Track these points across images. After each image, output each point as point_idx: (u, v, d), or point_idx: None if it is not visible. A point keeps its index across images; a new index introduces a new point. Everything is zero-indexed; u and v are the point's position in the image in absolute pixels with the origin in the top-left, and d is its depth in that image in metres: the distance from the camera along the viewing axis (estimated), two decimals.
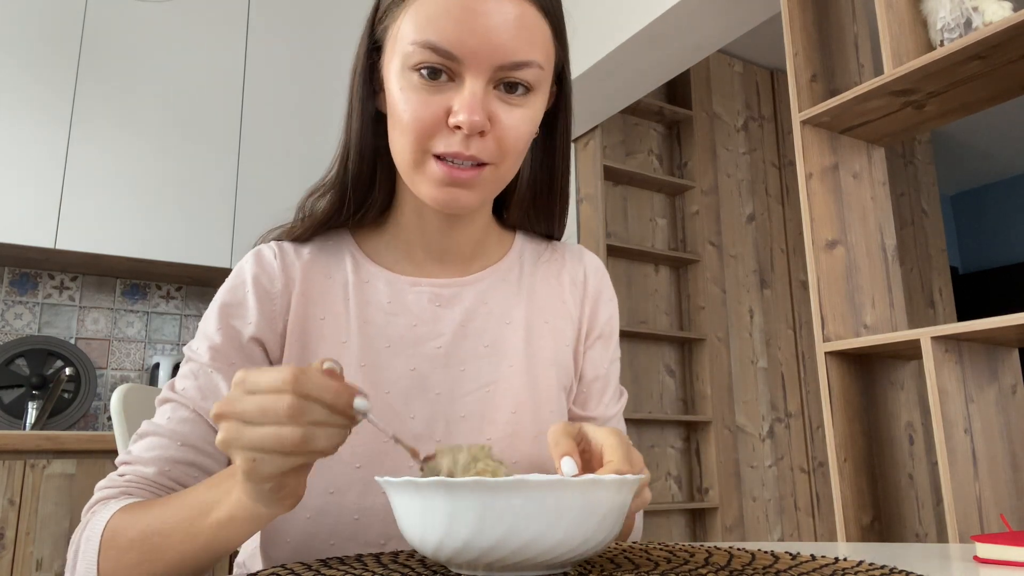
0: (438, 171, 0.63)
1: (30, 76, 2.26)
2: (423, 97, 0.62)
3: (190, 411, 0.66)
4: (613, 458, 0.53)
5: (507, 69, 0.62)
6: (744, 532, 3.19)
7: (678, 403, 3.29)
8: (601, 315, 0.82)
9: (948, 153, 5.00)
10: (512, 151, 0.65)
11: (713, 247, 3.42)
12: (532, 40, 0.63)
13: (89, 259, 2.35)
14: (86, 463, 1.94)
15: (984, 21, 1.50)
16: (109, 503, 0.60)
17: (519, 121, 0.64)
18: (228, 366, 0.68)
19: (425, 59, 0.61)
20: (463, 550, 0.44)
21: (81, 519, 0.61)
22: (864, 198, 1.85)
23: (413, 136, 0.63)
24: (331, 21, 2.82)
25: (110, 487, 0.63)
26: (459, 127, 0.61)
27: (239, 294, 0.71)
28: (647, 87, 2.67)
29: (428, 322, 0.73)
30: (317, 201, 0.74)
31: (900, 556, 0.62)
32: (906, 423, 1.77)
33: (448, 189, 0.64)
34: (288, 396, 0.44)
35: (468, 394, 0.71)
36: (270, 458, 0.45)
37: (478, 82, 0.61)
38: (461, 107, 0.61)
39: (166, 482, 0.64)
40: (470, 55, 0.60)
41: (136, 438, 0.66)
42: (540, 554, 0.43)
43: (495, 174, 0.66)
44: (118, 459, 0.66)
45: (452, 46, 0.60)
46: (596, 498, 0.44)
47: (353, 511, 0.66)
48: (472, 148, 0.62)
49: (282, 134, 2.62)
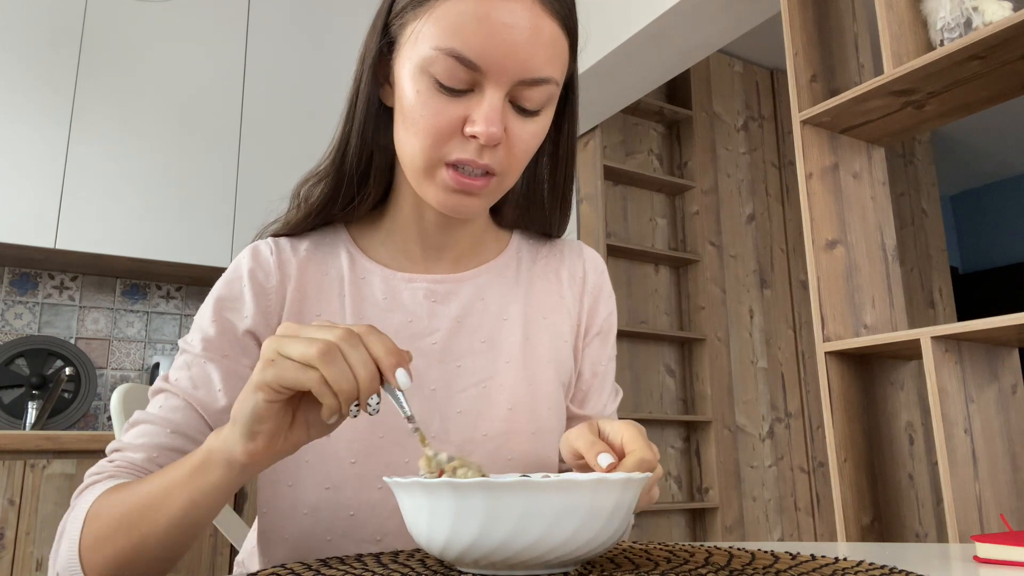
0: (449, 178, 0.63)
1: (30, 76, 2.26)
2: (440, 104, 0.62)
3: (181, 400, 0.66)
4: (635, 447, 0.53)
5: (526, 84, 0.62)
6: (744, 532, 3.19)
7: (678, 403, 3.29)
8: (600, 311, 0.82)
9: (948, 153, 5.00)
10: (520, 162, 0.66)
11: (713, 247, 3.42)
12: (553, 57, 0.63)
13: (89, 259, 2.34)
14: (86, 463, 1.93)
15: (984, 21, 1.50)
16: (95, 487, 0.60)
17: (530, 135, 0.65)
18: (221, 357, 0.68)
19: (448, 67, 0.60)
20: (470, 549, 0.44)
21: (70, 504, 0.61)
22: (864, 198, 1.85)
23: (429, 142, 0.63)
24: (331, 21, 2.81)
25: (98, 472, 0.63)
26: (475, 137, 0.61)
27: (235, 288, 0.71)
28: (647, 87, 2.67)
29: (424, 318, 0.73)
30: (312, 188, 0.74)
31: (900, 556, 0.62)
32: (906, 423, 1.77)
33: (456, 196, 0.65)
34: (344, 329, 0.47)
35: (464, 390, 0.71)
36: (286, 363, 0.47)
37: (497, 94, 0.61)
38: (480, 118, 0.61)
39: (153, 468, 0.63)
40: (494, 67, 0.60)
41: (128, 427, 0.66)
42: (547, 552, 0.44)
43: (500, 184, 0.66)
44: (109, 446, 0.66)
45: (477, 57, 0.60)
46: (604, 497, 0.44)
47: (349, 507, 0.66)
48: (486, 158, 0.63)
49: (282, 134, 2.62)
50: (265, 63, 2.65)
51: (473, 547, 0.44)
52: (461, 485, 0.43)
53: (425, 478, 0.48)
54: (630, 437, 0.54)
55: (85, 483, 0.62)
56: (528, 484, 0.43)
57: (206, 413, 0.66)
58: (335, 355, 0.46)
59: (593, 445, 0.54)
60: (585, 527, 0.44)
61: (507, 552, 0.43)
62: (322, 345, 0.46)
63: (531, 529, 0.43)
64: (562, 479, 0.44)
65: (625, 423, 0.56)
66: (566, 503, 0.43)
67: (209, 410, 0.66)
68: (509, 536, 0.43)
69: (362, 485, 0.66)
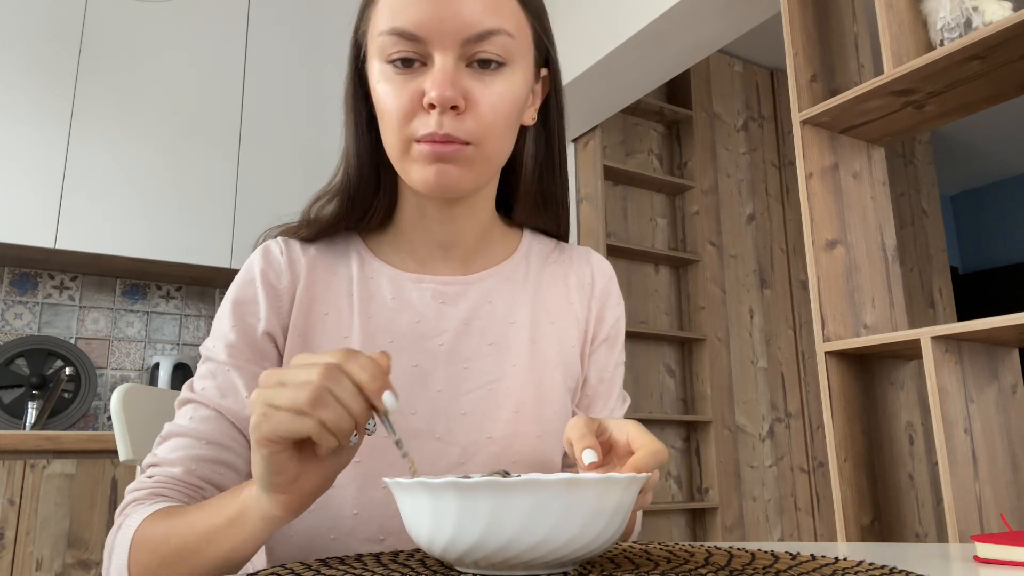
0: (422, 151, 0.64)
1: (30, 76, 2.26)
2: (398, 85, 0.64)
3: (210, 410, 0.66)
4: (643, 442, 0.53)
5: (474, 42, 0.63)
6: (744, 532, 3.19)
7: (678, 403, 3.29)
8: (608, 317, 0.82)
9: (948, 153, 5.00)
10: (493, 127, 0.65)
11: (713, 247, 3.42)
12: (496, 9, 0.64)
13: (89, 259, 2.35)
14: (86, 463, 1.94)
15: (984, 21, 1.50)
16: (140, 506, 0.61)
17: (496, 96, 0.64)
18: (245, 363, 0.69)
19: (394, 46, 0.63)
20: (473, 549, 0.44)
21: (115, 522, 0.63)
22: (864, 198, 1.85)
23: (396, 124, 0.64)
24: (331, 20, 2.81)
25: (139, 489, 0.64)
26: (432, 106, 0.62)
27: (250, 291, 0.71)
28: (647, 87, 2.67)
29: (431, 319, 0.73)
30: (323, 208, 0.75)
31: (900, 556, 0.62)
32: (906, 423, 1.77)
33: (434, 168, 0.64)
34: (325, 365, 0.46)
35: (470, 391, 0.71)
36: (277, 414, 0.46)
37: (447, 59, 0.62)
38: (432, 85, 0.62)
39: (194, 480, 0.64)
40: (434, 33, 0.62)
41: (160, 440, 0.67)
42: (549, 552, 0.44)
43: (479, 153, 0.65)
44: (144, 461, 0.66)
45: (416, 27, 0.62)
46: (607, 496, 0.45)
47: (352, 506, 0.66)
48: (446, 126, 0.62)
49: (282, 134, 2.62)
50: (265, 63, 2.65)
51: (476, 547, 0.43)
52: (466, 485, 0.43)
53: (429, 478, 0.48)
54: (635, 433, 0.55)
55: (127, 500, 0.63)
56: (533, 484, 0.43)
57: (237, 421, 0.66)
58: (325, 398, 0.46)
59: (583, 438, 0.54)
60: (588, 526, 0.44)
61: (511, 552, 0.43)
62: (310, 391, 0.46)
63: (537, 529, 0.43)
64: (566, 478, 0.44)
65: (628, 421, 0.56)
66: (571, 503, 0.43)
67: (239, 417, 0.66)
68: (514, 536, 0.43)
69: (365, 484, 0.67)
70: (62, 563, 1.86)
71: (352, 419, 0.47)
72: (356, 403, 0.47)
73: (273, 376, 0.48)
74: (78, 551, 1.88)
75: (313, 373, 0.46)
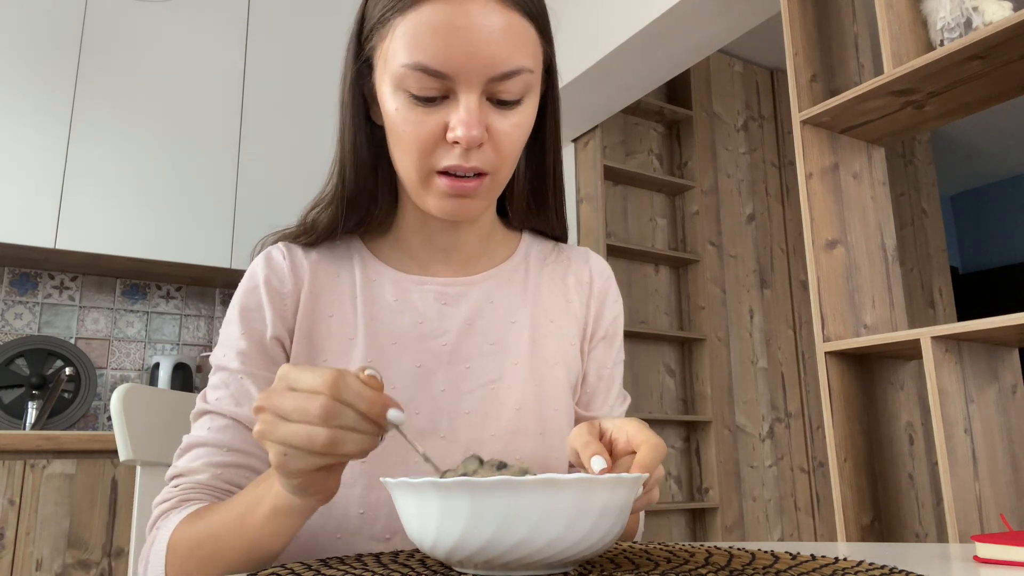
0: (443, 185, 0.65)
1: (30, 76, 2.26)
2: (420, 116, 0.63)
3: (227, 419, 0.67)
4: (643, 438, 0.54)
5: (498, 80, 0.63)
6: (744, 532, 3.19)
7: (678, 403, 3.29)
8: (606, 315, 0.83)
9: (948, 153, 5.00)
10: (509, 157, 0.67)
11: (713, 247, 3.42)
12: (521, 47, 0.63)
13: (89, 259, 2.35)
14: (86, 463, 1.94)
15: (984, 21, 1.50)
16: (170, 516, 0.62)
17: (514, 128, 0.65)
18: (257, 369, 0.69)
19: (418, 81, 0.62)
20: (456, 548, 0.44)
21: (147, 537, 0.64)
22: (864, 198, 1.85)
23: (416, 155, 0.64)
24: (331, 21, 2.81)
25: (167, 500, 0.64)
26: (457, 142, 0.62)
27: (255, 297, 0.72)
28: (647, 87, 2.67)
29: (434, 320, 0.74)
30: (319, 215, 0.75)
31: (900, 556, 0.62)
32: (906, 423, 1.77)
33: (454, 201, 0.66)
34: (323, 398, 0.46)
35: (472, 391, 0.72)
36: (299, 455, 0.47)
37: (472, 96, 0.62)
38: (458, 123, 0.62)
39: (220, 484, 0.65)
40: (461, 71, 0.61)
41: (180, 452, 0.68)
42: (534, 553, 0.43)
43: (494, 181, 0.67)
44: (168, 474, 0.67)
45: (442, 65, 0.61)
46: (590, 497, 0.44)
47: (358, 505, 0.67)
48: (472, 160, 0.64)
49: (282, 134, 2.62)
50: (265, 63, 2.65)
51: (459, 546, 0.44)
52: (445, 485, 0.43)
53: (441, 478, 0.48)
54: (635, 431, 0.55)
55: (156, 513, 0.64)
56: (511, 484, 0.42)
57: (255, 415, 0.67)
58: (342, 438, 0.46)
59: (588, 446, 0.54)
60: (573, 527, 0.43)
61: (493, 552, 0.43)
62: (324, 436, 0.45)
63: (515, 530, 0.42)
64: (546, 478, 0.43)
65: (628, 420, 0.57)
66: (551, 503, 0.43)
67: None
68: (494, 536, 0.43)
69: (371, 484, 0.67)
70: (62, 563, 1.86)
71: (372, 440, 0.48)
72: (367, 425, 0.47)
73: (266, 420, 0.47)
74: (78, 551, 1.88)
75: (317, 410, 0.46)
